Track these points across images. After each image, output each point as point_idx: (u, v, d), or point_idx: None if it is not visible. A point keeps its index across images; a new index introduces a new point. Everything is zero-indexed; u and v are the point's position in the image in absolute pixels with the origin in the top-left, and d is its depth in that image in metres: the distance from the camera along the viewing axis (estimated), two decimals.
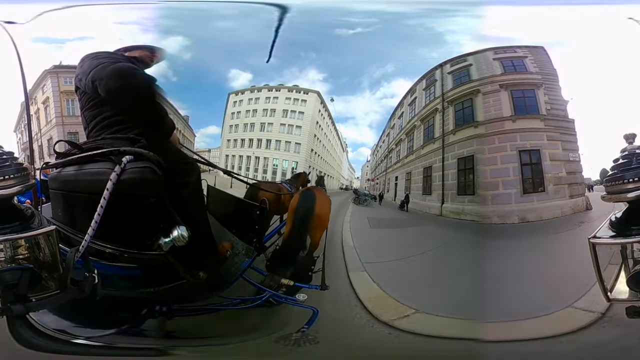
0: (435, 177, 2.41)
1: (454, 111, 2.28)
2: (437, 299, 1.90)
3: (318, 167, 3.10)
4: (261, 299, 2.00)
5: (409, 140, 2.83)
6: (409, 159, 2.79)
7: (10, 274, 1.16)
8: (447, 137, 2.30)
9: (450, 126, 2.29)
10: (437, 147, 2.42)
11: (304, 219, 2.14)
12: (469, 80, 2.17)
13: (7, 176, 1.23)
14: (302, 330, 1.89)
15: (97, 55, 1.76)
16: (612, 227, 1.26)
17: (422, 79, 2.48)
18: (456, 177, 2.17)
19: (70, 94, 2.23)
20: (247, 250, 2.13)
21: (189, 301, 1.89)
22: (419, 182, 2.61)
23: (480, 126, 1.97)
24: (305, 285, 2.06)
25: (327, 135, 3.15)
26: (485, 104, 1.97)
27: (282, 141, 3.01)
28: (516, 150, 1.71)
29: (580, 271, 1.41)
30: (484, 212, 1.90)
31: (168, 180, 1.60)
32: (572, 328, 1.58)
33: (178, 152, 1.97)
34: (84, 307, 1.44)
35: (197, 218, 1.80)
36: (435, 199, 2.39)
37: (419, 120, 2.66)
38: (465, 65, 2.21)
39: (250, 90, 2.78)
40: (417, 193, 2.65)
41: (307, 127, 2.98)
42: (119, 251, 1.57)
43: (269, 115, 2.93)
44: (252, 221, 2.10)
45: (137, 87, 1.66)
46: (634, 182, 1.18)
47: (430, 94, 2.51)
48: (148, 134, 1.67)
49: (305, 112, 2.93)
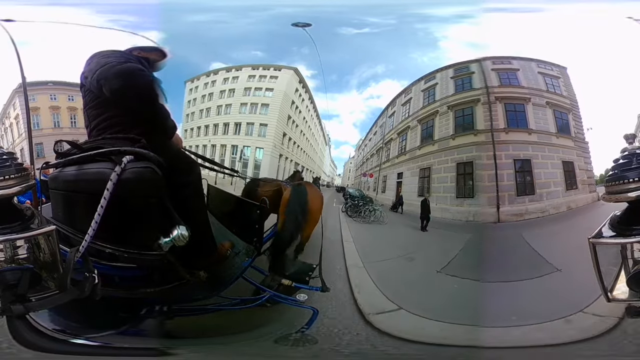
0: (480, 176, 2.19)
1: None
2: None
3: (295, 157, 2.60)
4: (261, 299, 2.00)
5: (424, 127, 2.46)
6: (426, 151, 2.43)
7: (11, 274, 1.16)
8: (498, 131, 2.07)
9: (501, 124, 2.14)
10: (483, 140, 2.11)
11: (296, 212, 2.16)
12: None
13: (7, 176, 1.23)
14: (302, 330, 1.89)
15: (106, 54, 1.76)
16: (612, 227, 1.26)
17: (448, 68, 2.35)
18: (513, 177, 2.14)
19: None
20: (247, 249, 2.13)
21: (189, 301, 1.89)
22: (447, 181, 2.27)
23: (533, 134, 2.26)
24: (305, 286, 2.07)
25: (307, 121, 2.62)
26: (535, 114, 2.27)
27: (242, 123, 2.49)
28: (560, 161, 2.25)
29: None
30: (542, 207, 2.19)
31: (168, 179, 1.60)
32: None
33: (178, 151, 1.97)
34: (84, 307, 1.44)
35: (197, 218, 1.80)
36: (485, 202, 2.15)
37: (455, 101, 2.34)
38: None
39: (206, 74, 2.48)
40: (442, 195, 2.27)
41: (277, 106, 2.44)
42: (119, 251, 1.56)
43: (227, 97, 2.50)
44: (253, 220, 2.10)
45: (140, 88, 1.65)
46: (634, 182, 1.19)
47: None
48: (149, 134, 1.67)
49: (275, 89, 2.42)
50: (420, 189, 2.53)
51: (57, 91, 2.49)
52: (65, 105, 2.48)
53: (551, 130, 2.22)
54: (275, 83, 2.43)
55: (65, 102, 2.48)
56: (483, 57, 2.27)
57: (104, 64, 1.67)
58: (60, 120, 2.49)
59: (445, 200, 2.33)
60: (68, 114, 2.47)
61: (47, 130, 2.48)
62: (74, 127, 2.45)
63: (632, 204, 1.23)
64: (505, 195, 2.17)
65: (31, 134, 2.41)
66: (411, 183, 2.58)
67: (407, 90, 2.51)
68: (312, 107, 2.58)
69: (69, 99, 2.47)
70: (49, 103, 2.48)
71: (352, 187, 2.87)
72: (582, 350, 1.73)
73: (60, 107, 2.48)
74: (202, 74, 2.43)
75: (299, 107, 2.51)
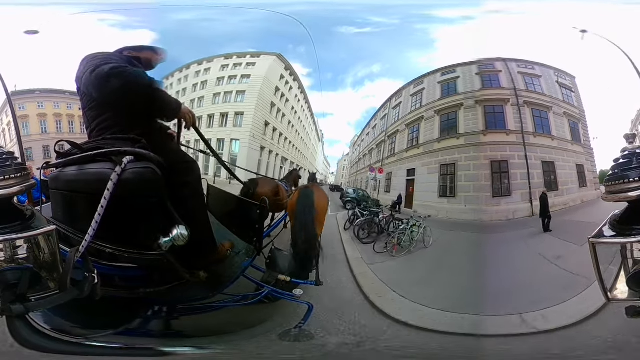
0: (514, 175, 2.23)
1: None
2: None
3: (282, 151, 2.38)
4: (260, 295, 2.01)
5: (444, 119, 2.40)
6: (448, 145, 2.34)
7: (11, 274, 1.16)
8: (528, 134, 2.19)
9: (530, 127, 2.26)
10: (514, 140, 2.18)
11: (308, 218, 2.16)
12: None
13: (7, 176, 1.23)
14: (299, 325, 1.91)
15: (94, 56, 1.75)
16: (612, 226, 1.26)
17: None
18: (542, 176, 2.28)
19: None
20: (247, 249, 2.13)
21: (189, 301, 1.89)
22: (479, 180, 2.17)
23: (555, 140, 2.49)
24: (301, 281, 2.08)
25: (296, 112, 2.37)
26: (555, 122, 2.51)
27: (215, 115, 2.28)
28: (574, 164, 2.52)
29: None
30: (564, 201, 2.43)
31: (168, 180, 1.60)
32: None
33: (178, 151, 1.98)
34: (84, 307, 1.44)
35: (197, 217, 1.80)
36: (519, 199, 2.18)
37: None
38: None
39: (179, 70, 2.34)
40: (471, 195, 2.16)
41: (255, 92, 2.20)
42: (119, 251, 1.57)
43: (199, 89, 2.33)
44: (253, 220, 2.10)
45: (131, 84, 1.64)
46: (634, 181, 1.18)
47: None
48: (149, 135, 1.67)
49: (253, 75, 2.20)
50: (444, 188, 2.39)
51: (44, 99, 2.53)
52: (51, 112, 2.53)
53: (567, 138, 2.50)
54: (252, 69, 2.23)
55: (52, 109, 2.53)
56: (510, 57, 2.38)
57: (90, 67, 1.66)
58: (47, 126, 2.53)
59: (479, 200, 2.24)
60: (54, 120, 2.53)
61: (36, 136, 2.52)
62: (59, 132, 2.51)
63: (632, 204, 1.22)
64: (536, 192, 2.35)
65: (20, 137, 2.44)
66: (429, 181, 2.38)
67: (418, 81, 2.47)
68: (303, 99, 2.36)
69: (54, 106, 2.52)
70: (36, 110, 2.51)
71: (351, 187, 2.58)
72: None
73: (47, 114, 2.53)
74: (175, 70, 2.30)
75: (286, 94, 2.27)
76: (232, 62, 2.24)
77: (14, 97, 2.38)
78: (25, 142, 2.42)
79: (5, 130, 2.51)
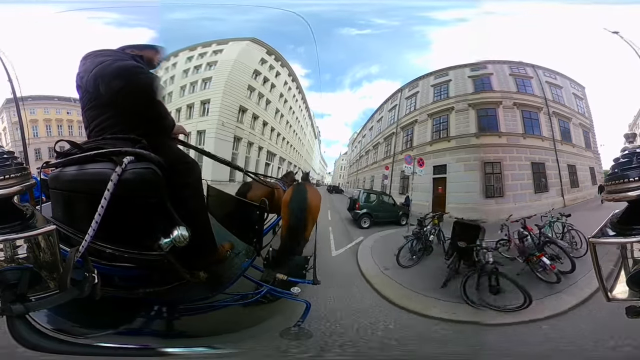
0: (549, 175, 2.58)
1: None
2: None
3: (267, 144, 2.07)
4: (259, 294, 2.02)
5: (482, 114, 2.43)
6: (489, 141, 2.39)
7: (11, 274, 1.16)
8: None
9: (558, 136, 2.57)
10: (548, 146, 2.55)
11: (299, 214, 2.17)
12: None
13: (7, 175, 1.23)
14: (298, 323, 1.91)
15: (101, 52, 1.75)
16: (612, 226, 1.26)
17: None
18: (567, 176, 2.70)
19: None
20: (247, 250, 2.13)
21: (189, 301, 1.89)
22: (524, 179, 2.29)
23: (575, 147, 2.93)
24: (298, 279, 2.09)
25: (286, 100, 2.07)
26: (574, 132, 2.93)
27: (182, 108, 2.08)
28: (588, 167, 2.92)
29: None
30: (583, 195, 2.81)
31: (168, 180, 1.60)
32: None
33: (178, 151, 1.97)
34: (84, 307, 1.44)
35: (197, 218, 1.80)
36: (555, 193, 2.51)
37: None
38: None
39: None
40: (519, 193, 2.22)
41: (223, 76, 1.95)
42: (119, 251, 1.56)
43: (168, 85, 2.17)
44: (252, 221, 2.10)
45: (141, 87, 1.66)
46: (634, 181, 1.18)
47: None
48: (149, 135, 1.67)
49: (220, 60, 1.98)
50: (489, 188, 2.35)
51: (36, 106, 2.56)
52: (42, 117, 2.57)
53: (582, 145, 2.90)
54: (219, 56, 2.05)
55: (42, 114, 2.56)
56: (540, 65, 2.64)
57: (100, 62, 1.66)
58: (38, 131, 2.57)
59: (524, 197, 2.42)
60: (44, 125, 2.56)
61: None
62: (49, 136, 2.55)
63: (632, 204, 1.22)
64: (565, 188, 2.79)
65: (24, 137, 2.46)
66: (469, 180, 2.23)
67: (441, 72, 2.46)
68: (295, 88, 2.13)
69: (45, 112, 2.56)
70: (29, 117, 2.55)
71: (360, 188, 2.28)
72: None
73: (38, 119, 2.56)
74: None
75: (271, 79, 2.03)
76: (196, 52, 2.10)
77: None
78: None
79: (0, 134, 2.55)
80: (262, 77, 2.06)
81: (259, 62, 2.05)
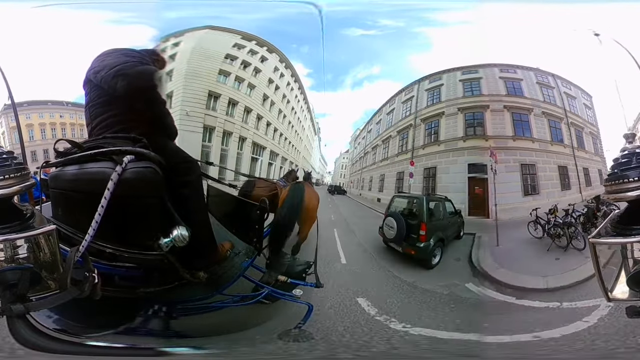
0: (570, 176, 2.93)
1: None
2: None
3: (251, 134, 1.85)
4: (260, 295, 2.02)
5: (517, 117, 2.75)
6: (524, 145, 2.81)
7: (11, 274, 1.16)
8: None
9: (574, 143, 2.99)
10: (567, 152, 2.99)
11: (293, 206, 2.19)
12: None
13: (7, 175, 1.22)
14: (299, 326, 1.91)
15: (124, 52, 1.77)
16: (612, 226, 1.26)
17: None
18: (583, 177, 3.04)
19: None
20: (247, 250, 2.13)
21: (189, 301, 1.89)
22: (553, 179, 2.64)
23: (587, 153, 3.21)
24: (300, 282, 2.08)
25: (276, 84, 1.83)
26: (586, 139, 3.21)
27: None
28: (597, 169, 3.20)
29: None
30: (595, 192, 3.04)
31: (169, 180, 1.59)
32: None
33: (179, 151, 1.97)
34: (84, 307, 1.43)
35: (197, 218, 1.80)
36: (575, 190, 2.82)
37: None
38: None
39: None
40: (550, 191, 2.57)
41: (183, 65, 1.76)
42: (119, 251, 1.56)
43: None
44: (253, 221, 2.10)
45: (156, 90, 1.73)
46: (634, 181, 1.18)
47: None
48: (150, 134, 1.67)
49: (180, 50, 1.82)
50: (526, 187, 2.74)
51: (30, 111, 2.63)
52: (37, 122, 2.63)
53: (592, 151, 3.23)
54: (176, 48, 1.92)
55: (37, 119, 2.63)
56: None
57: (124, 61, 1.68)
58: (34, 134, 2.65)
59: (553, 194, 2.88)
60: (39, 129, 2.63)
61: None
62: (44, 139, 2.62)
63: (632, 204, 1.22)
64: (582, 186, 3.10)
65: (22, 138, 2.48)
66: (508, 180, 2.33)
67: (470, 68, 2.59)
68: (289, 74, 1.85)
69: (39, 116, 2.63)
70: (25, 121, 2.61)
71: (424, 196, 2.01)
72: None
73: (34, 124, 2.63)
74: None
75: (254, 63, 1.74)
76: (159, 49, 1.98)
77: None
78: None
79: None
80: (240, 62, 1.87)
81: (232, 46, 1.90)
